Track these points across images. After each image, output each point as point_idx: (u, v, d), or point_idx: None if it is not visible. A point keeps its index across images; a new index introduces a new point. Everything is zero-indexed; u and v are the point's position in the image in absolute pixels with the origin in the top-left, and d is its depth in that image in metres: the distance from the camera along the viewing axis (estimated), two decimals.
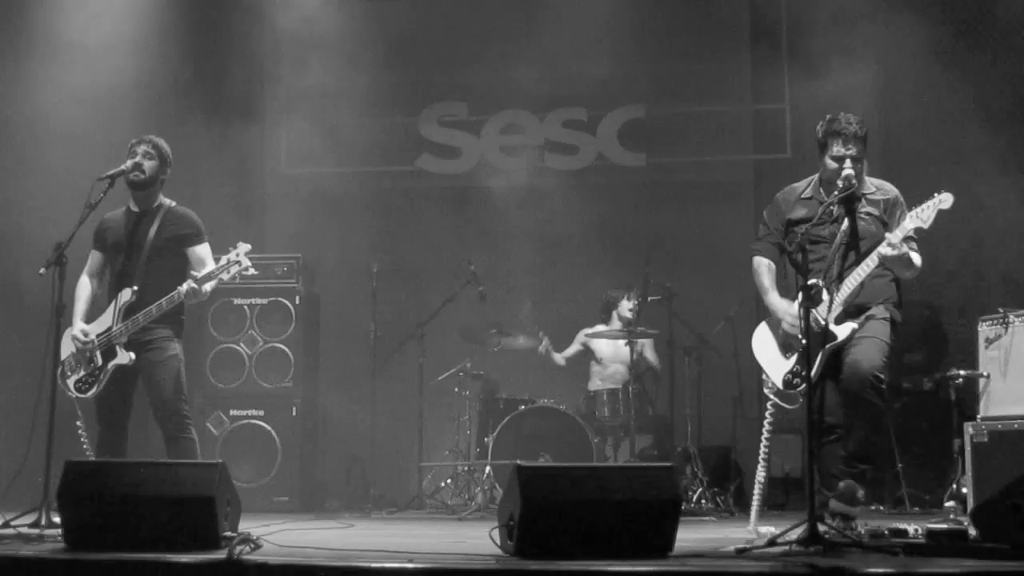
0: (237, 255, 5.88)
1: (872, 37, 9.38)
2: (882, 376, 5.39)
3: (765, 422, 5.71)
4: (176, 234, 6.08)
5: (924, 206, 5.30)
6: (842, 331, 5.43)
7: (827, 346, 5.42)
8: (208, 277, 5.88)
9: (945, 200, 5.27)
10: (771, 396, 5.66)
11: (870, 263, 5.40)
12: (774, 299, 5.76)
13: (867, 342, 5.43)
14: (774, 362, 5.67)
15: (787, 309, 5.64)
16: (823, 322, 5.41)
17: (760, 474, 5.77)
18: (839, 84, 8.85)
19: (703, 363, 9.02)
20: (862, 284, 5.43)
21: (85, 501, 4.62)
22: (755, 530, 5.56)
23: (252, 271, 5.92)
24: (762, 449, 5.73)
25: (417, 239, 10.34)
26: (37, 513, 5.28)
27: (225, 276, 5.91)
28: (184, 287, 5.82)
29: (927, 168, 8.76)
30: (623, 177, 10.46)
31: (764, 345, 5.78)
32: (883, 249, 5.33)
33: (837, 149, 5.54)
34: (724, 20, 10.43)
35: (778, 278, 5.80)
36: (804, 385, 5.33)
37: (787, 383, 5.57)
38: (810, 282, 5.28)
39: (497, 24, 10.10)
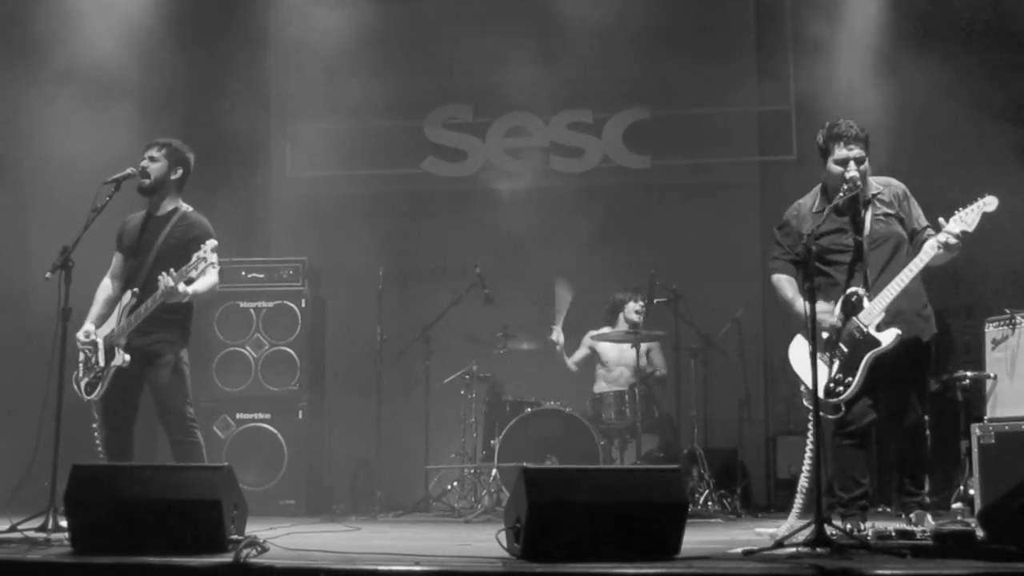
0: (204, 252, 5.79)
1: (878, 38, 9.36)
2: (926, 420, 5.55)
3: (809, 431, 5.64)
4: (183, 239, 6.06)
5: (968, 209, 5.29)
6: (886, 337, 5.40)
7: (871, 353, 5.40)
8: (181, 275, 5.81)
9: (990, 203, 5.27)
10: (810, 405, 5.57)
11: (920, 261, 5.36)
12: (802, 305, 5.62)
13: (914, 391, 5.52)
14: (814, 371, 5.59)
15: (822, 309, 5.58)
16: (865, 329, 5.41)
17: (803, 481, 5.71)
18: (845, 85, 8.83)
19: (709, 365, 9.00)
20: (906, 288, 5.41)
21: (92, 505, 4.63)
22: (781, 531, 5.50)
23: (216, 268, 5.88)
24: (807, 457, 5.64)
25: (423, 242, 10.35)
26: (44, 517, 5.29)
27: (194, 274, 5.83)
28: (162, 284, 5.76)
29: (934, 169, 8.74)
30: (628, 179, 10.45)
31: (801, 356, 5.64)
32: (943, 237, 5.30)
33: (841, 152, 5.53)
34: (729, 22, 10.43)
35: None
36: (847, 392, 5.38)
37: (828, 392, 5.45)
38: (850, 290, 5.42)
39: (502, 27, 10.09)
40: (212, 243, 5.84)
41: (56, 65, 8.70)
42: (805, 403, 5.61)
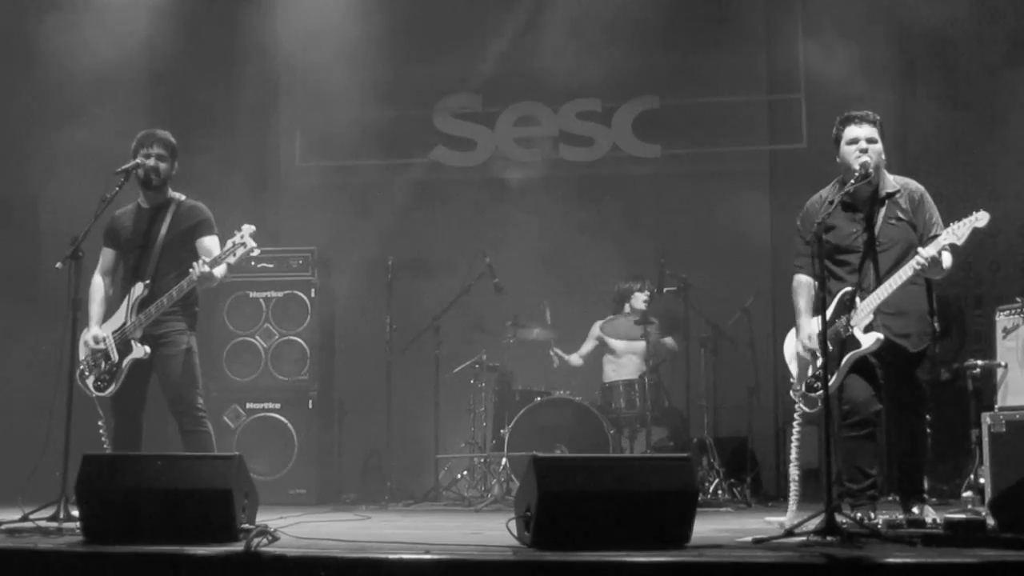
0: (242, 237, 5.87)
1: (890, 25, 9.32)
2: (928, 419, 5.63)
3: (795, 422, 5.73)
4: (188, 227, 6.11)
5: (960, 223, 5.32)
6: (867, 340, 5.44)
7: (850, 353, 5.45)
8: (216, 261, 5.88)
9: (981, 219, 5.30)
10: (796, 398, 5.71)
11: (903, 275, 5.39)
12: (804, 321, 5.73)
13: (916, 397, 5.59)
14: (801, 365, 5.72)
15: (808, 330, 5.64)
16: (851, 330, 5.45)
17: (793, 472, 5.79)
18: (856, 73, 8.79)
19: (719, 354, 8.99)
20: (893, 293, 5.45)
21: (103, 494, 4.65)
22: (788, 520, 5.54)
23: (257, 252, 5.90)
24: (793, 447, 5.76)
25: (432, 231, 10.33)
26: (55, 506, 5.31)
27: (232, 259, 5.89)
28: (196, 271, 5.81)
29: (944, 158, 8.72)
30: (638, 168, 10.42)
31: (794, 350, 5.80)
32: (920, 260, 5.33)
33: (852, 131, 5.53)
34: (739, 9, 10.37)
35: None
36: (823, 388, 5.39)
37: (809, 386, 5.61)
38: (846, 289, 5.47)
39: (511, 15, 10.07)
40: (250, 228, 5.89)
41: (60, 62, 8.71)
42: (792, 396, 5.75)
